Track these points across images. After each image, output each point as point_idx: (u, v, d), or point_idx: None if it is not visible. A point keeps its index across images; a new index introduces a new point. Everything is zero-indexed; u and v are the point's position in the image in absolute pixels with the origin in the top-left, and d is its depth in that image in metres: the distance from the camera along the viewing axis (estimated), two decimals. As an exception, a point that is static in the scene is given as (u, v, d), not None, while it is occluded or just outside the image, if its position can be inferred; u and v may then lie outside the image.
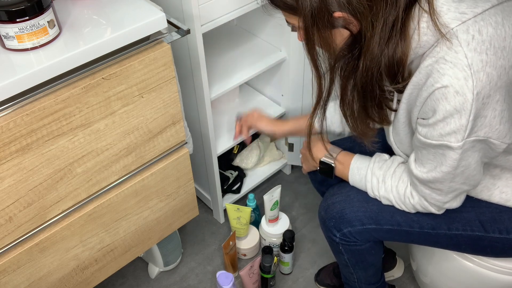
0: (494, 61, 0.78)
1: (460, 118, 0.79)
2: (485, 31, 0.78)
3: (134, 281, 1.54)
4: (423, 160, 0.90)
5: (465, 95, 0.77)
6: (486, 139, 0.82)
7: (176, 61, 1.24)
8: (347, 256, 1.15)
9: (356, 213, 1.07)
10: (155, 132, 1.07)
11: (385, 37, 0.80)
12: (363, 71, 0.84)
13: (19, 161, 0.87)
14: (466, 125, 0.79)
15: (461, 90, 0.77)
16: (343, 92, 0.92)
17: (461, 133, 0.80)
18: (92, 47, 0.85)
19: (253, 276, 1.43)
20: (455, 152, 0.83)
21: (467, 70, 0.77)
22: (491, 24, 0.79)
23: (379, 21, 0.78)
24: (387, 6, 0.77)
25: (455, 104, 0.78)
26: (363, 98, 0.90)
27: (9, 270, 0.98)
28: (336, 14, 0.80)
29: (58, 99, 0.85)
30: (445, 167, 0.86)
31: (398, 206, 1.02)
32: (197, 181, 1.66)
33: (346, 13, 0.79)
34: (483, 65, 0.77)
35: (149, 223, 1.22)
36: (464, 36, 0.78)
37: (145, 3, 0.94)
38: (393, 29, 0.79)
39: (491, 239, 1.01)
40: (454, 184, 0.90)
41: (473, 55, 0.77)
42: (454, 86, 0.77)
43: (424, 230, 1.04)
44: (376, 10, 0.78)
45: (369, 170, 1.04)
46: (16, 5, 0.76)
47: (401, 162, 1.02)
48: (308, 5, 0.80)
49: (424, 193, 0.95)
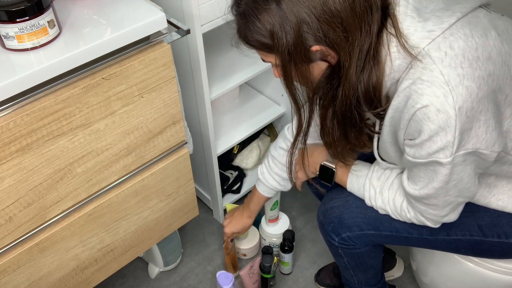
0: (471, 73, 0.77)
1: (446, 135, 0.78)
2: (456, 45, 0.78)
3: (134, 281, 1.54)
4: (415, 178, 0.90)
5: (447, 112, 0.76)
6: (475, 150, 0.81)
7: (176, 61, 1.24)
8: (347, 259, 1.15)
9: (354, 218, 1.06)
10: (155, 132, 1.07)
11: (361, 65, 0.80)
12: (342, 100, 0.85)
13: (19, 161, 0.87)
14: (452, 141, 0.78)
15: (442, 107, 0.76)
16: (323, 121, 0.93)
17: (449, 149, 0.79)
18: (92, 47, 0.85)
19: (253, 276, 1.43)
20: (445, 168, 0.82)
21: (445, 87, 0.76)
22: (460, 37, 0.78)
23: (355, 50, 0.79)
24: (362, 35, 0.78)
25: (439, 122, 0.77)
26: (343, 125, 0.91)
27: (9, 270, 0.98)
28: (313, 48, 0.79)
29: (58, 99, 0.85)
30: (436, 183, 0.85)
31: (394, 217, 1.02)
32: (197, 181, 1.66)
33: (323, 45, 0.79)
34: (460, 79, 0.76)
35: (149, 223, 1.22)
36: (436, 54, 0.77)
37: (145, 3, 0.94)
38: (367, 56, 0.80)
39: (490, 244, 1.01)
40: (448, 197, 0.89)
41: (448, 71, 0.76)
42: (435, 104, 0.77)
43: (423, 236, 1.04)
44: (352, 40, 0.78)
45: (367, 180, 1.03)
46: (16, 5, 0.76)
47: (399, 173, 1.01)
48: (284, 42, 0.79)
49: (419, 209, 0.95)
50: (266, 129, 1.77)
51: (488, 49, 0.79)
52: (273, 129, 1.75)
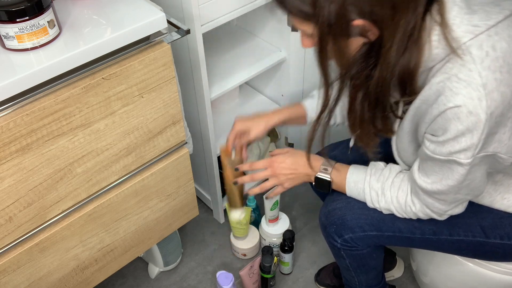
0: (508, 79, 0.75)
1: (472, 137, 0.77)
2: (499, 47, 0.75)
3: (134, 281, 1.54)
4: (428, 171, 0.89)
5: (478, 115, 0.75)
6: (495, 154, 0.81)
7: (176, 61, 1.24)
8: (349, 260, 1.14)
9: (357, 220, 1.06)
10: (155, 132, 1.07)
11: (403, 46, 0.76)
12: (378, 81, 0.80)
13: (19, 161, 0.87)
14: (477, 143, 0.77)
15: (474, 110, 0.75)
16: (352, 102, 0.88)
17: (472, 151, 0.78)
18: (92, 47, 0.85)
19: (253, 276, 1.43)
20: (463, 168, 0.81)
21: (481, 90, 0.74)
22: (504, 38, 0.76)
23: (399, 29, 0.74)
24: (408, 14, 0.73)
25: (468, 124, 0.76)
26: (373, 109, 0.87)
27: (9, 270, 0.98)
28: (356, 22, 0.75)
29: (58, 99, 0.85)
30: (451, 181, 0.85)
31: (399, 215, 1.01)
32: (197, 181, 1.66)
33: (367, 21, 0.75)
34: (497, 84, 0.75)
35: (149, 223, 1.22)
36: (478, 53, 0.75)
37: (145, 3, 0.94)
38: (410, 38, 0.76)
39: (492, 245, 1.01)
40: (458, 195, 0.89)
41: (487, 73, 0.74)
42: (468, 106, 0.75)
43: (426, 236, 1.03)
44: (399, 18, 0.74)
45: (366, 184, 1.02)
46: (16, 5, 0.76)
47: (399, 172, 1.00)
48: (326, 13, 0.74)
49: (427, 202, 0.94)
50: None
51: None
52: (273, 129, 1.75)
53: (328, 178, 1.07)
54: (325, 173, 1.08)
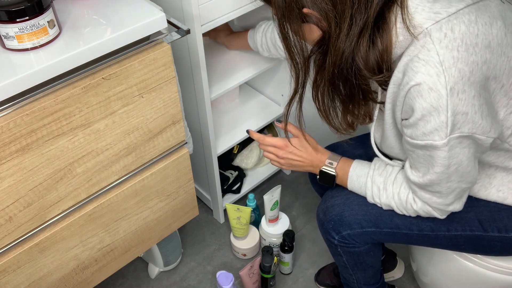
0: (466, 57, 0.79)
1: (439, 115, 0.80)
2: (457, 29, 0.79)
3: (134, 281, 1.54)
4: (416, 165, 0.91)
5: (438, 91, 0.78)
6: (471, 135, 0.83)
7: (176, 61, 1.24)
8: (346, 257, 1.15)
9: (355, 216, 1.06)
10: (155, 132, 1.07)
11: (355, 35, 0.81)
12: (329, 68, 0.87)
13: (19, 161, 0.87)
14: (446, 121, 0.80)
15: (434, 86, 0.78)
16: (315, 87, 0.94)
17: (443, 130, 0.81)
18: (92, 47, 0.85)
19: (253, 276, 1.43)
20: (441, 151, 0.83)
21: (439, 67, 0.78)
22: (463, 22, 0.80)
23: (345, 20, 0.80)
24: (354, 6, 0.79)
25: (431, 101, 0.79)
26: (332, 94, 0.93)
27: (9, 270, 0.98)
28: (305, 10, 0.83)
29: (58, 99, 0.85)
30: (437, 167, 0.86)
31: (399, 211, 1.02)
32: (197, 181, 1.66)
33: (315, 11, 0.82)
34: (454, 61, 0.78)
35: (149, 223, 1.23)
36: (436, 34, 0.79)
37: (145, 3, 0.94)
38: (365, 27, 0.81)
39: (490, 239, 1.01)
40: (451, 183, 0.90)
41: (444, 52, 0.78)
42: (427, 82, 0.79)
43: (424, 232, 1.04)
44: (342, 10, 0.80)
45: (368, 178, 1.03)
46: (16, 5, 0.76)
47: (401, 169, 1.01)
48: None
49: (425, 198, 0.95)
50: (266, 129, 1.77)
51: (489, 37, 0.81)
52: (273, 129, 1.75)
53: (333, 172, 1.09)
54: (330, 167, 1.10)
